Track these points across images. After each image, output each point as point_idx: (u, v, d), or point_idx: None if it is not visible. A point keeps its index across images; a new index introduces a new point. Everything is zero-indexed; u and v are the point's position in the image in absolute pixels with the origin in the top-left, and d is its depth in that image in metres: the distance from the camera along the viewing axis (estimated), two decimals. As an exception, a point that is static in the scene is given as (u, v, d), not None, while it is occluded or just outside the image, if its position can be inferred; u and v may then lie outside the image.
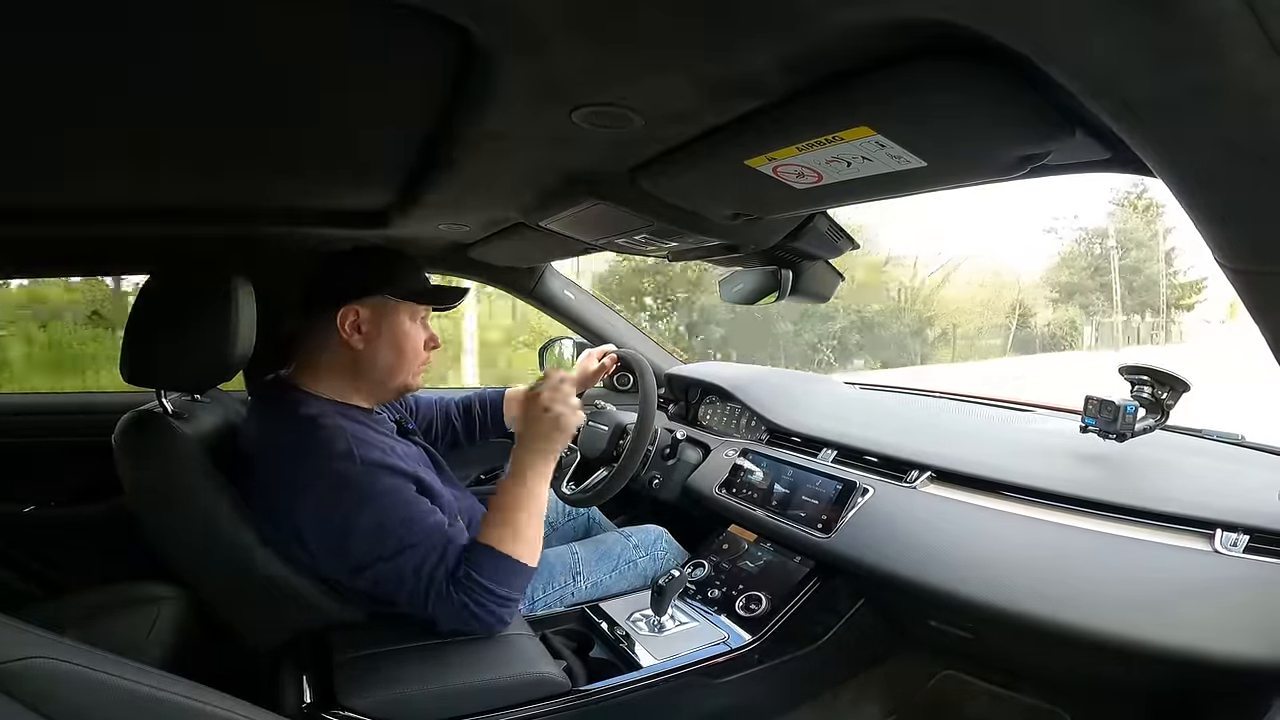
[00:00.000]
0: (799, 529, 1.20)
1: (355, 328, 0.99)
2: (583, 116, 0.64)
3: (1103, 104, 0.40)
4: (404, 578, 0.88)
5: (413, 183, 0.94)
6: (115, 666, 0.55)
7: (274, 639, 0.95)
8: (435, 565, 0.89)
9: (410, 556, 0.88)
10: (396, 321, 1.02)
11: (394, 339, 1.02)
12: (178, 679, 0.60)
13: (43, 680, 0.49)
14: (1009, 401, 1.51)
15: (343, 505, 0.88)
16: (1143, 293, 18.26)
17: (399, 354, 1.03)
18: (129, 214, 1.06)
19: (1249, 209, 0.43)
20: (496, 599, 0.90)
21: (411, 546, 0.88)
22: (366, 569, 0.89)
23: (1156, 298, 18.32)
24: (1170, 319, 18.70)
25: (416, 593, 0.89)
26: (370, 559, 0.88)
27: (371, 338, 1.00)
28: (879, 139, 0.56)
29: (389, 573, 0.88)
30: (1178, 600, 0.79)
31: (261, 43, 0.52)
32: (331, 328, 0.99)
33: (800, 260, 1.13)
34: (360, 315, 0.99)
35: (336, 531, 0.89)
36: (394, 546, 0.88)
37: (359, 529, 0.88)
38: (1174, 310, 18.79)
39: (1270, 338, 0.52)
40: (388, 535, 0.88)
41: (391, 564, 0.88)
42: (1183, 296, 18.66)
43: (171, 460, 0.92)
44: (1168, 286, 18.37)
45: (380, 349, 1.01)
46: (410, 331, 1.04)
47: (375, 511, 0.89)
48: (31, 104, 0.62)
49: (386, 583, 0.89)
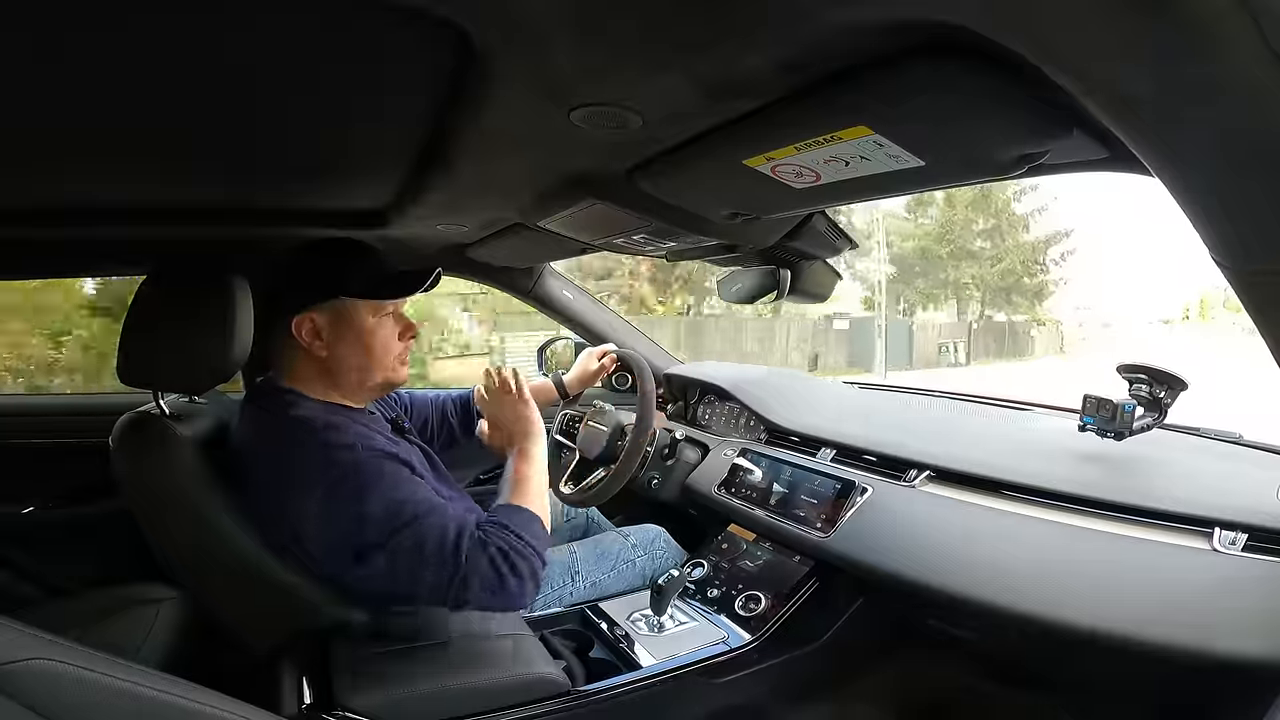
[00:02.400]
0: (798, 528, 1.20)
1: (314, 334, 0.96)
2: (581, 117, 0.64)
3: (1100, 103, 0.40)
4: (425, 545, 0.85)
5: (411, 183, 0.94)
6: (114, 668, 0.55)
7: (273, 639, 0.94)
8: (459, 528, 0.87)
9: (430, 522, 0.87)
10: (358, 321, 0.97)
11: (357, 339, 0.97)
12: (176, 680, 0.60)
13: (41, 681, 0.49)
14: (1007, 400, 1.52)
15: (351, 492, 0.87)
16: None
17: (366, 353, 0.98)
18: (127, 214, 1.06)
19: (1246, 208, 0.43)
20: (532, 550, 0.90)
21: (428, 513, 0.87)
22: (381, 549, 0.86)
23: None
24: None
25: (443, 558, 0.85)
26: (389, 531, 0.86)
27: (333, 343, 0.96)
28: (877, 138, 0.56)
29: (409, 541, 0.85)
30: (1177, 599, 0.79)
31: (261, 43, 0.52)
32: (290, 335, 0.96)
33: (799, 260, 1.13)
34: (316, 321, 0.95)
35: (349, 519, 0.86)
36: (411, 513, 0.86)
37: (372, 509, 0.86)
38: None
39: (1269, 337, 0.52)
40: (403, 504, 0.87)
41: (411, 530, 0.86)
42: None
43: (169, 462, 0.91)
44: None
45: (346, 352, 0.97)
46: (375, 328, 0.98)
47: (386, 488, 0.88)
48: (32, 104, 0.62)
49: (405, 557, 0.85)
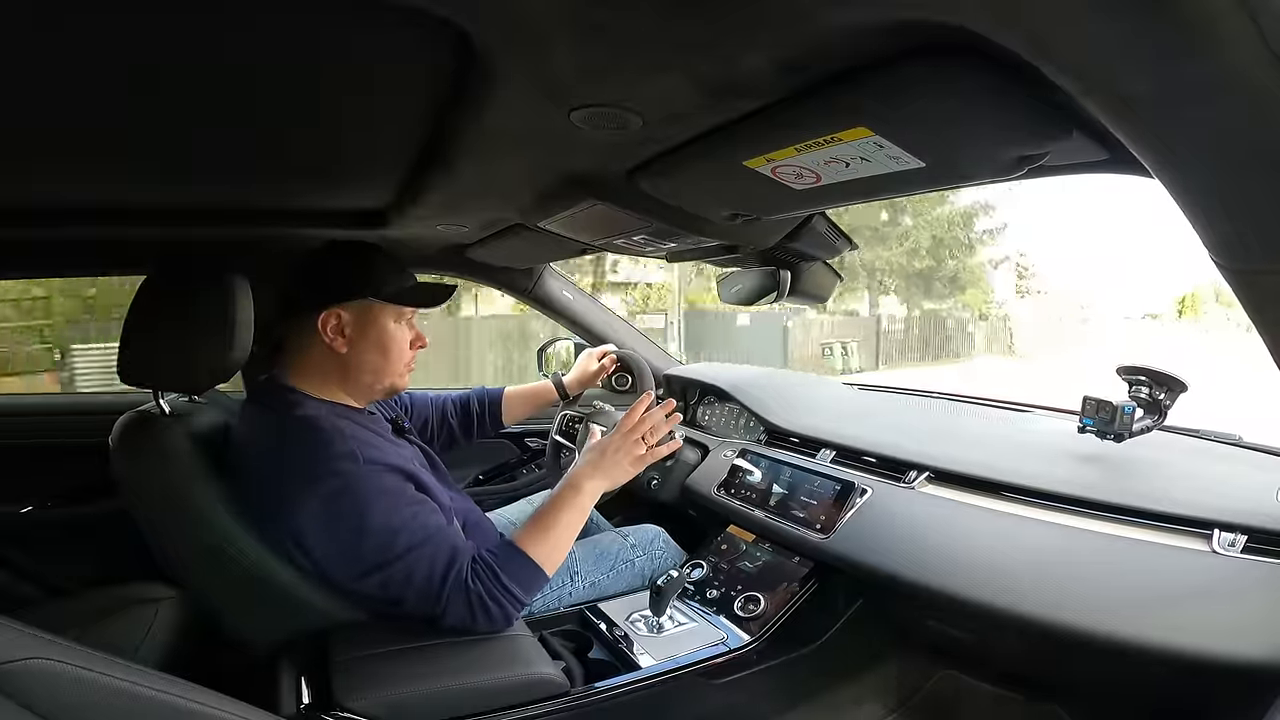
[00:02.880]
0: (798, 529, 1.20)
1: (338, 331, 0.97)
2: (581, 117, 0.64)
3: (1099, 104, 0.40)
4: (413, 577, 0.88)
5: (411, 183, 0.94)
6: (112, 667, 0.55)
7: (271, 639, 0.94)
8: (448, 563, 0.89)
9: (421, 554, 0.88)
10: (381, 323, 1.00)
11: (379, 341, 1.00)
12: (175, 680, 0.60)
13: (40, 681, 0.49)
14: (1007, 402, 1.52)
15: (350, 507, 0.88)
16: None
17: (384, 356, 1.00)
18: (128, 215, 1.06)
19: (1246, 209, 0.43)
20: (511, 599, 0.91)
21: (422, 543, 0.89)
22: (376, 571, 0.88)
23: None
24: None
25: (428, 590, 0.88)
26: (381, 559, 0.88)
27: (355, 340, 0.98)
28: (877, 140, 0.56)
29: (399, 572, 0.88)
30: (1176, 600, 0.79)
31: (262, 43, 0.52)
32: (314, 330, 0.97)
33: (799, 261, 1.13)
34: (343, 318, 0.97)
35: (347, 533, 0.88)
36: (405, 544, 0.88)
37: (369, 529, 0.88)
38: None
39: (1267, 337, 0.52)
40: (398, 533, 0.88)
41: (402, 563, 0.88)
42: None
43: (169, 461, 0.91)
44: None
45: (365, 351, 0.99)
46: (395, 333, 1.01)
47: (384, 510, 0.89)
48: (32, 104, 0.62)
49: (395, 583, 0.88)
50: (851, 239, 1.11)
